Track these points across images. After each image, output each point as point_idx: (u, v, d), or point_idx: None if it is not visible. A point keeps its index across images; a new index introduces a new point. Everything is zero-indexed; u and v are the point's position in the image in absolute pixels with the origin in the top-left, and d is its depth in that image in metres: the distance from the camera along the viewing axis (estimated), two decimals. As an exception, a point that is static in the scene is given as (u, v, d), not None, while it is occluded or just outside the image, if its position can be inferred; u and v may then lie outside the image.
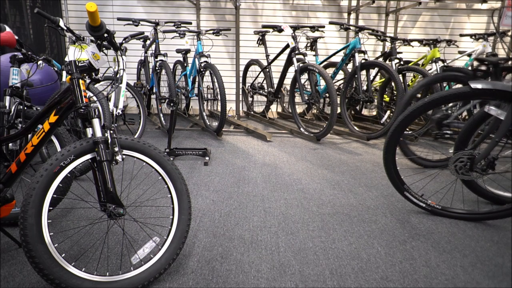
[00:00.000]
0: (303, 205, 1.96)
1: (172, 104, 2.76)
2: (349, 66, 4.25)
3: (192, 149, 2.85)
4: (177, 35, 3.72)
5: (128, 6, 4.83)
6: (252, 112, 4.83)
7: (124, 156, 1.21)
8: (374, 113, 4.58)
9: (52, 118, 1.24)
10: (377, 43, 5.06)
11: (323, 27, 3.93)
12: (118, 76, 2.88)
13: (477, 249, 1.52)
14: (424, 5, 4.93)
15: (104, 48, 2.06)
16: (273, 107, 4.85)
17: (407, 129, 3.76)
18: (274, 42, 4.80)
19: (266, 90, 4.37)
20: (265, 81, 4.40)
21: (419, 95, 3.59)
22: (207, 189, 2.17)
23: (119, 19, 3.63)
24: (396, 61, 3.79)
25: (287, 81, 4.48)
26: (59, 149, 1.77)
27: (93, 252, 1.43)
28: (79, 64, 1.25)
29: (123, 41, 3.42)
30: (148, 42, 3.96)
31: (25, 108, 1.78)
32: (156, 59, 3.72)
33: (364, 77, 3.78)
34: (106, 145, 1.17)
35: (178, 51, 3.88)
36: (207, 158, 2.75)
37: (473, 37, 3.80)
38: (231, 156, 2.94)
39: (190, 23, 3.90)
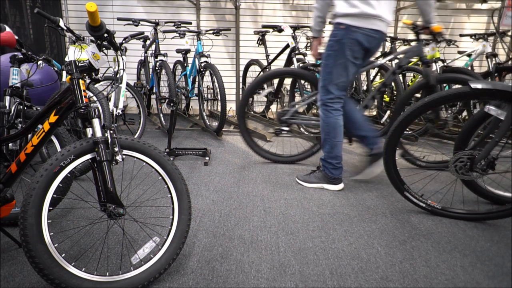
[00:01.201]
0: (303, 205, 1.96)
1: (172, 104, 2.77)
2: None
3: (192, 149, 2.85)
4: (177, 35, 3.71)
5: (128, 6, 4.83)
6: (252, 112, 4.83)
7: (124, 156, 1.21)
8: (374, 113, 4.57)
9: (52, 118, 1.24)
10: (377, 43, 5.06)
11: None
12: (118, 76, 2.88)
13: (477, 249, 1.52)
14: (424, 5, 4.92)
15: (104, 48, 2.06)
16: (273, 107, 4.85)
17: (407, 129, 3.76)
18: (274, 42, 4.80)
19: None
20: (265, 81, 4.39)
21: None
22: (207, 189, 2.17)
23: (119, 19, 3.63)
24: (396, 61, 3.78)
25: (287, 81, 4.47)
26: (59, 149, 1.77)
27: (93, 252, 1.43)
28: (79, 64, 1.25)
29: (123, 41, 3.42)
30: (148, 42, 3.96)
31: (25, 108, 1.78)
32: (156, 59, 3.72)
33: (364, 77, 3.78)
34: (106, 145, 1.17)
35: (178, 51, 3.88)
36: (207, 158, 2.75)
37: (473, 37, 3.80)
38: (231, 156, 2.94)
39: (190, 23, 3.90)
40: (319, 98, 2.16)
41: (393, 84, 3.66)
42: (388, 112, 3.88)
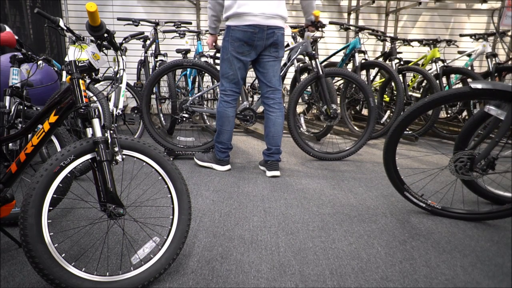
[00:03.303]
0: (303, 205, 1.96)
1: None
2: (349, 66, 4.25)
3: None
4: (177, 35, 3.72)
5: (128, 6, 4.83)
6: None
7: (124, 156, 1.21)
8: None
9: (52, 118, 1.24)
10: (377, 43, 5.07)
11: (323, 27, 3.92)
12: (118, 76, 2.88)
13: (477, 249, 1.52)
14: (424, 5, 4.93)
15: (104, 48, 2.06)
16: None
17: (407, 129, 3.76)
18: (274, 42, 4.80)
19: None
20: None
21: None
22: (207, 189, 2.17)
23: (119, 19, 3.63)
24: (396, 61, 3.79)
25: (287, 81, 4.48)
26: (59, 149, 1.77)
27: (93, 252, 1.43)
28: (79, 64, 1.25)
29: (123, 41, 3.42)
30: (148, 42, 3.97)
31: (25, 108, 1.78)
32: (156, 59, 3.72)
33: (364, 77, 3.79)
34: (106, 145, 1.17)
35: (178, 51, 3.88)
36: (207, 158, 2.75)
37: (473, 37, 3.80)
38: (231, 156, 2.94)
39: (190, 23, 3.90)
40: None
41: (393, 84, 3.67)
42: (388, 112, 3.88)
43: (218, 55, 3.11)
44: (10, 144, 1.71)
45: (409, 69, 3.60)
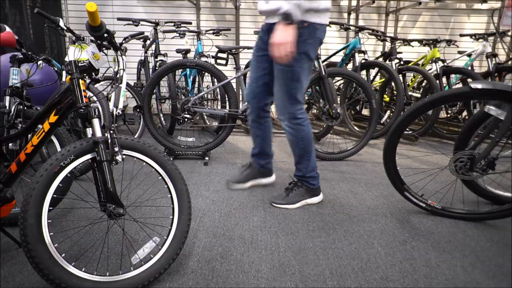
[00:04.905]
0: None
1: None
2: (349, 66, 4.25)
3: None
4: (177, 35, 3.72)
5: (128, 6, 4.82)
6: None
7: (124, 156, 1.21)
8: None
9: (52, 118, 1.24)
10: (377, 43, 5.06)
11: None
12: (118, 76, 2.87)
13: (477, 249, 1.52)
14: (424, 5, 4.93)
15: (104, 48, 2.06)
16: (273, 107, 4.84)
17: (407, 129, 3.76)
18: (274, 42, 4.80)
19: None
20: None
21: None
22: (207, 189, 2.17)
23: (119, 19, 3.63)
24: (396, 61, 3.79)
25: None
26: (59, 149, 1.77)
27: (93, 252, 1.43)
28: (79, 64, 1.25)
29: (123, 41, 3.42)
30: (148, 42, 3.96)
31: (25, 108, 1.78)
32: (156, 59, 3.72)
33: (364, 77, 3.78)
34: (106, 145, 1.17)
35: (178, 51, 3.88)
36: (207, 158, 2.75)
37: (473, 37, 3.80)
38: (231, 156, 2.94)
39: (190, 23, 3.90)
40: (284, 112, 1.85)
41: (393, 84, 3.67)
42: (388, 112, 3.88)
43: (221, 55, 3.07)
44: (10, 144, 1.71)
45: (409, 69, 3.60)
